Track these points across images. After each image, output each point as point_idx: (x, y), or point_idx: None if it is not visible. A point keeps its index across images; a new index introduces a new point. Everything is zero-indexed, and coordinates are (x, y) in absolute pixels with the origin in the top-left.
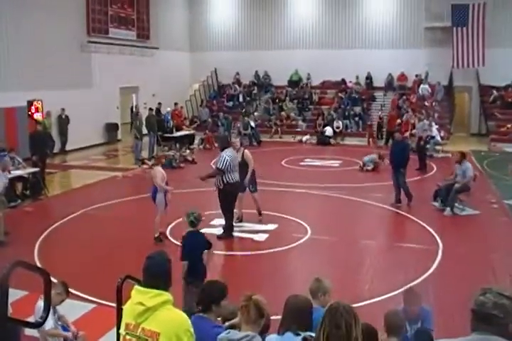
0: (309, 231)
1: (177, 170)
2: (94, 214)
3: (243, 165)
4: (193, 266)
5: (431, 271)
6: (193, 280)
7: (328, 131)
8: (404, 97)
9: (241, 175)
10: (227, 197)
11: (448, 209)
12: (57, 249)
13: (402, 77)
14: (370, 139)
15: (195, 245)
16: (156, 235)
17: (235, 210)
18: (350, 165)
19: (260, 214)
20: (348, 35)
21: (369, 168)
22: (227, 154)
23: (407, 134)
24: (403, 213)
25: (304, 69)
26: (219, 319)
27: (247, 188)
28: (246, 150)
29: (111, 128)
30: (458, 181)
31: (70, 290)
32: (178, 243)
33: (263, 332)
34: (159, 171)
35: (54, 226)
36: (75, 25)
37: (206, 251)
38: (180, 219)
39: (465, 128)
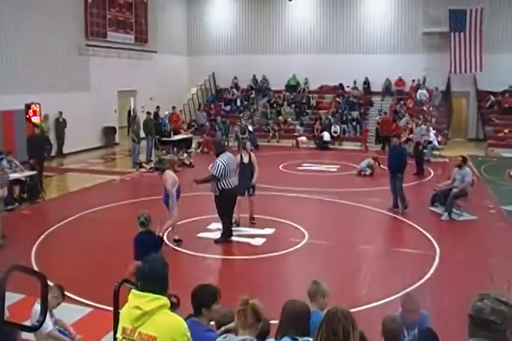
0: (306, 236)
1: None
2: (92, 217)
3: (251, 167)
4: None
5: (428, 276)
6: None
7: (326, 136)
8: (402, 102)
9: (249, 176)
10: (224, 203)
11: (446, 214)
12: (55, 252)
13: (400, 82)
14: (366, 144)
15: (146, 245)
16: (160, 234)
17: (233, 215)
18: (348, 169)
19: (253, 219)
20: (345, 40)
21: (367, 173)
22: (222, 160)
23: (403, 139)
24: (400, 218)
25: (302, 73)
26: (212, 323)
27: (246, 192)
28: (252, 154)
29: (109, 132)
30: (456, 186)
31: (67, 293)
32: (176, 247)
33: (263, 337)
34: (171, 175)
35: (51, 229)
36: (74, 29)
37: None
38: (178, 223)
39: (462, 134)
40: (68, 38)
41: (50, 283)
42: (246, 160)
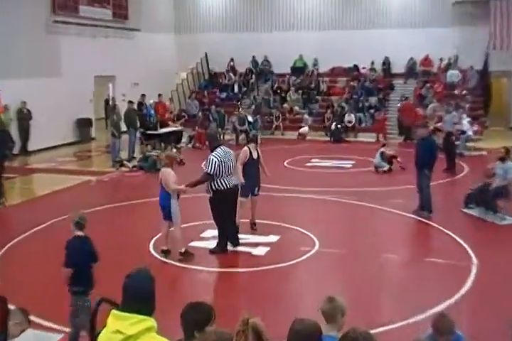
0: (317, 244)
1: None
2: (63, 226)
3: (258, 164)
4: (79, 274)
5: (463, 291)
6: (83, 290)
7: (334, 125)
8: (429, 85)
9: (257, 174)
10: (219, 207)
11: (491, 213)
12: (18, 269)
13: (426, 61)
14: (380, 135)
15: (82, 254)
16: (182, 250)
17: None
18: (365, 165)
19: (255, 224)
20: (361, 13)
21: (385, 168)
22: (216, 154)
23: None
24: (428, 222)
25: (310, 54)
26: None
27: (250, 193)
28: (258, 148)
29: (83, 125)
30: (496, 183)
31: (33, 318)
32: (164, 259)
33: None
34: (173, 175)
35: (14, 241)
36: (38, 1)
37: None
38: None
39: (503, 121)
40: (32, 13)
41: (12, 307)
42: (255, 155)
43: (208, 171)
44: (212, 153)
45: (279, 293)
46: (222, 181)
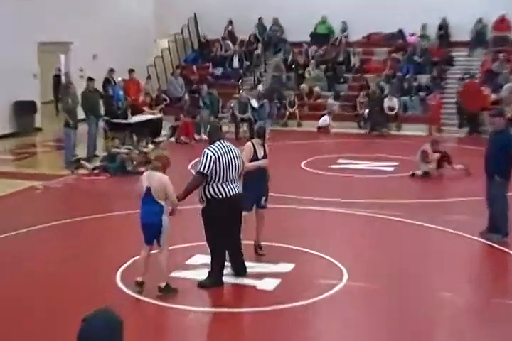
0: (346, 275)
1: (134, 176)
2: None
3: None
4: None
5: None
6: None
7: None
8: (503, 56)
9: (264, 181)
10: (215, 222)
11: None
12: None
13: (502, 23)
14: (434, 126)
15: None
16: (162, 285)
17: None
18: (412, 168)
19: (261, 247)
20: None
21: (418, 172)
22: (212, 148)
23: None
24: (502, 248)
25: (337, 16)
26: None
27: (254, 205)
28: (266, 145)
29: (23, 110)
30: None
31: None
32: (138, 295)
33: None
34: (168, 180)
35: None
36: None
37: None
38: (138, 257)
39: None
40: None
41: None
42: (261, 154)
43: (201, 170)
44: (210, 147)
45: None
46: (220, 187)
